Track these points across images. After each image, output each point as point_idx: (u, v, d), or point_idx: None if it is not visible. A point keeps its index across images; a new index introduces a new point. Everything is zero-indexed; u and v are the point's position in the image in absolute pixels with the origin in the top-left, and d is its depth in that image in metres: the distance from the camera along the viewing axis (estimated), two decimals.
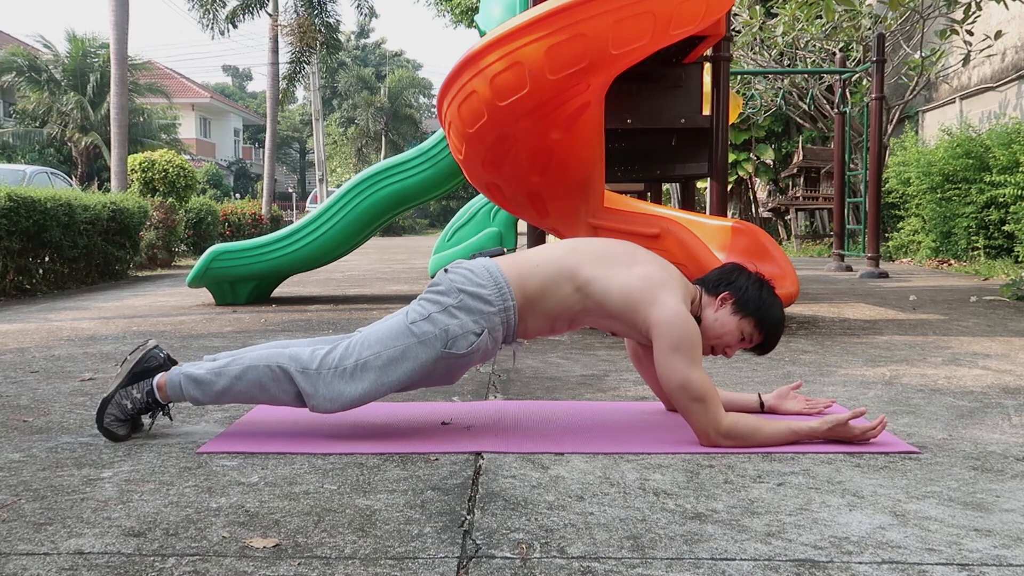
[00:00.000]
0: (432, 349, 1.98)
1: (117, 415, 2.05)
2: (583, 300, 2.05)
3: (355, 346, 2.01)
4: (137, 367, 2.08)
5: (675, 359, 1.94)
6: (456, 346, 1.98)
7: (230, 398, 2.05)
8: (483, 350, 2.02)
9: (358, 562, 1.34)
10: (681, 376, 1.94)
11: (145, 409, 2.07)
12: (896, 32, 10.22)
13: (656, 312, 1.98)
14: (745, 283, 2.11)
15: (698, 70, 4.56)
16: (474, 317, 1.99)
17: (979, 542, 1.41)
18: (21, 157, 21.97)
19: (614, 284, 2.03)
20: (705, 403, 1.94)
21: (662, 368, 1.96)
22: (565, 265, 2.06)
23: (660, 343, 1.96)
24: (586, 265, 2.06)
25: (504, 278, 2.03)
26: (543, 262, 2.08)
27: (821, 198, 13.34)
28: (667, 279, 2.05)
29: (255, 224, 16.56)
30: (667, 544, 1.40)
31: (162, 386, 2.06)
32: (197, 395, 2.04)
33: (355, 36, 47.64)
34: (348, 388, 1.98)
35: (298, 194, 40.14)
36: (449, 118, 3.47)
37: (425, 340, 1.98)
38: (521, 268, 2.06)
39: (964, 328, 4.19)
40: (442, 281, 2.05)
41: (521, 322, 2.06)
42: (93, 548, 1.40)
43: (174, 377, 2.05)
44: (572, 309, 2.07)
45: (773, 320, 2.11)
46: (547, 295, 2.05)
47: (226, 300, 5.75)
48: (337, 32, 23.38)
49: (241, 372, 2.02)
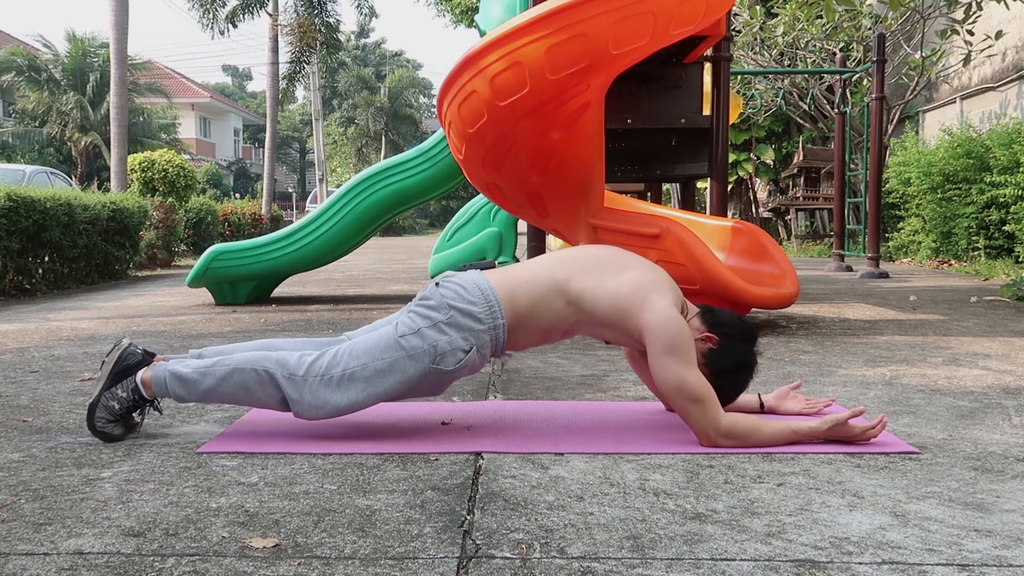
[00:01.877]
0: (420, 364, 1.98)
1: (107, 417, 2.05)
2: (575, 313, 2.06)
3: (343, 355, 2.00)
4: (117, 367, 2.07)
5: (670, 361, 1.95)
6: (444, 362, 1.98)
7: (215, 398, 2.06)
8: (471, 366, 2.03)
9: (358, 562, 1.34)
10: (677, 378, 1.94)
11: (133, 407, 2.07)
12: (896, 32, 10.22)
13: (647, 316, 1.98)
14: (736, 351, 2.08)
15: (698, 70, 4.56)
16: (463, 334, 1.99)
17: (979, 542, 1.41)
18: (21, 157, 21.97)
19: (604, 293, 2.03)
20: (703, 403, 1.94)
21: (658, 371, 1.97)
22: (555, 279, 2.06)
23: (653, 346, 1.97)
24: (576, 277, 2.06)
25: (495, 295, 2.02)
26: (533, 277, 2.07)
27: (821, 198, 13.34)
28: (656, 283, 2.06)
29: (255, 224, 16.55)
30: (667, 544, 1.40)
31: (147, 381, 2.05)
32: (182, 393, 2.04)
33: (355, 36, 47.65)
34: (334, 397, 1.98)
35: (298, 194, 40.14)
36: (449, 118, 3.47)
37: (413, 355, 1.98)
38: (511, 283, 2.05)
39: (964, 328, 4.19)
40: (433, 296, 2.04)
41: (511, 337, 2.06)
42: (93, 548, 1.40)
43: (159, 374, 2.05)
44: (566, 322, 2.08)
45: (726, 392, 2.07)
46: (538, 310, 2.04)
47: (226, 300, 5.75)
48: (337, 32, 23.36)
49: (227, 374, 2.02)
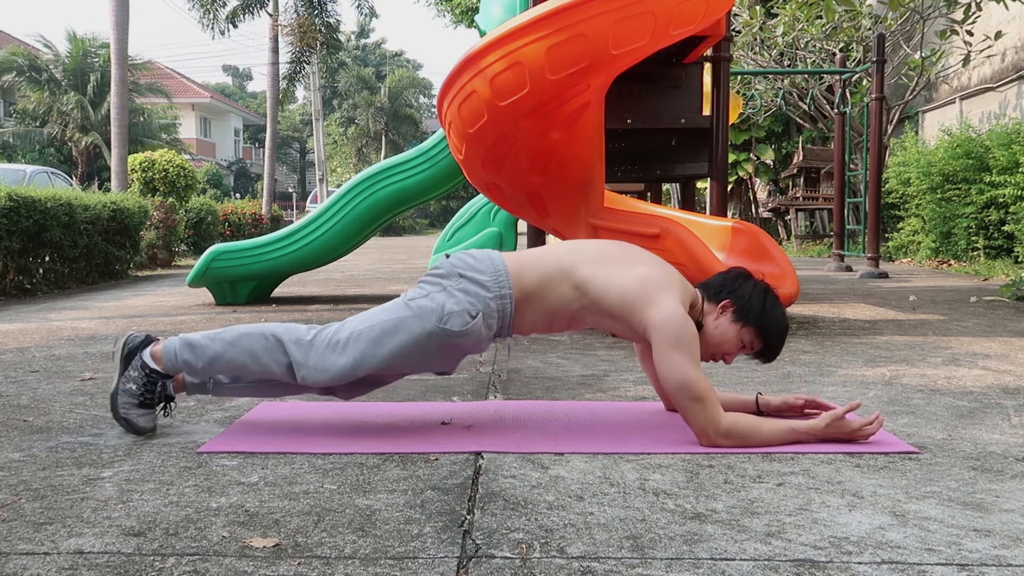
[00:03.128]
0: (427, 322, 1.98)
1: (129, 401, 2.08)
2: (580, 298, 2.06)
3: (351, 321, 2.05)
4: (124, 351, 2.11)
5: (674, 357, 1.94)
6: (451, 323, 1.98)
7: (221, 365, 2.07)
8: (476, 335, 2.02)
9: (358, 562, 1.34)
10: (681, 375, 1.94)
11: (150, 384, 2.09)
12: (896, 32, 10.22)
13: (653, 312, 1.98)
14: (748, 291, 2.09)
15: (698, 70, 4.56)
16: (471, 299, 2.00)
17: (979, 542, 1.41)
18: (21, 157, 21.97)
19: (612, 284, 2.03)
20: (704, 403, 1.94)
21: (661, 367, 1.96)
22: (564, 263, 2.08)
23: (659, 343, 1.97)
24: (585, 264, 2.07)
25: (504, 267, 2.05)
26: (542, 258, 2.10)
27: (821, 198, 13.34)
28: (665, 280, 2.05)
29: (255, 224, 16.54)
30: (667, 544, 1.40)
31: (157, 354, 2.09)
32: (190, 359, 2.06)
33: (355, 36, 47.64)
34: (340, 359, 1.99)
35: (298, 194, 40.12)
36: (449, 118, 3.47)
37: (420, 314, 1.99)
38: (521, 260, 2.09)
39: (964, 328, 4.19)
40: (443, 265, 2.08)
41: (518, 314, 2.06)
42: (93, 548, 1.40)
43: (170, 344, 2.09)
44: (569, 307, 2.07)
45: (775, 330, 2.08)
46: (545, 290, 2.06)
47: (226, 300, 5.75)
48: (337, 32, 23.36)
49: (235, 338, 2.05)
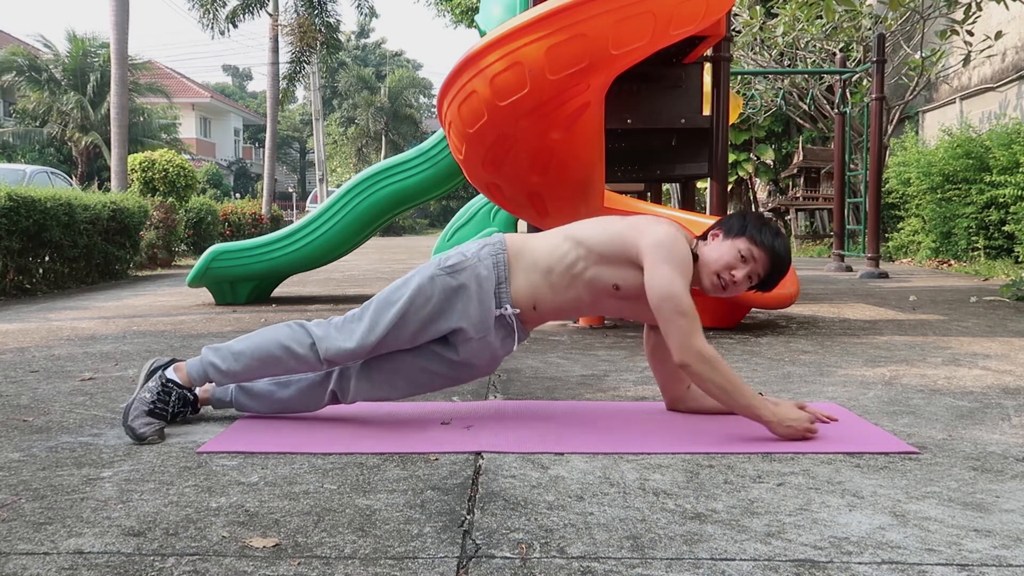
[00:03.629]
0: (428, 270, 2.15)
1: (139, 408, 2.14)
2: (576, 248, 2.14)
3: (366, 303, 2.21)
4: (148, 370, 2.26)
5: (664, 270, 2.01)
6: (448, 261, 2.14)
7: (247, 359, 2.17)
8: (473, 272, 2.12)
9: (358, 562, 1.34)
10: (667, 286, 1.99)
11: (163, 393, 2.17)
12: (896, 32, 10.22)
13: (647, 239, 2.06)
14: (731, 216, 2.21)
15: (698, 70, 4.56)
16: (463, 247, 2.20)
17: (979, 542, 1.41)
18: (21, 157, 21.96)
19: (605, 230, 2.17)
20: (688, 318, 1.98)
21: (650, 280, 2.02)
22: (561, 231, 2.24)
23: (651, 260, 2.04)
24: (578, 225, 2.23)
25: (501, 238, 2.20)
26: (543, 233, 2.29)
27: (821, 198, 13.34)
28: (659, 220, 2.16)
29: (255, 224, 16.54)
30: (667, 544, 1.40)
31: (180, 367, 2.23)
32: (215, 360, 2.19)
33: (355, 36, 47.63)
34: (358, 327, 2.14)
35: (298, 194, 40.12)
36: (449, 118, 3.47)
37: (422, 269, 2.18)
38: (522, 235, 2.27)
39: (964, 328, 4.19)
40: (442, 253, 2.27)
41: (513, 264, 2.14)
42: (93, 548, 1.40)
43: (193, 359, 2.24)
44: (566, 259, 2.14)
45: (768, 234, 2.11)
46: (538, 245, 2.20)
47: (226, 300, 5.75)
48: (337, 32, 23.34)
49: (259, 331, 2.23)
